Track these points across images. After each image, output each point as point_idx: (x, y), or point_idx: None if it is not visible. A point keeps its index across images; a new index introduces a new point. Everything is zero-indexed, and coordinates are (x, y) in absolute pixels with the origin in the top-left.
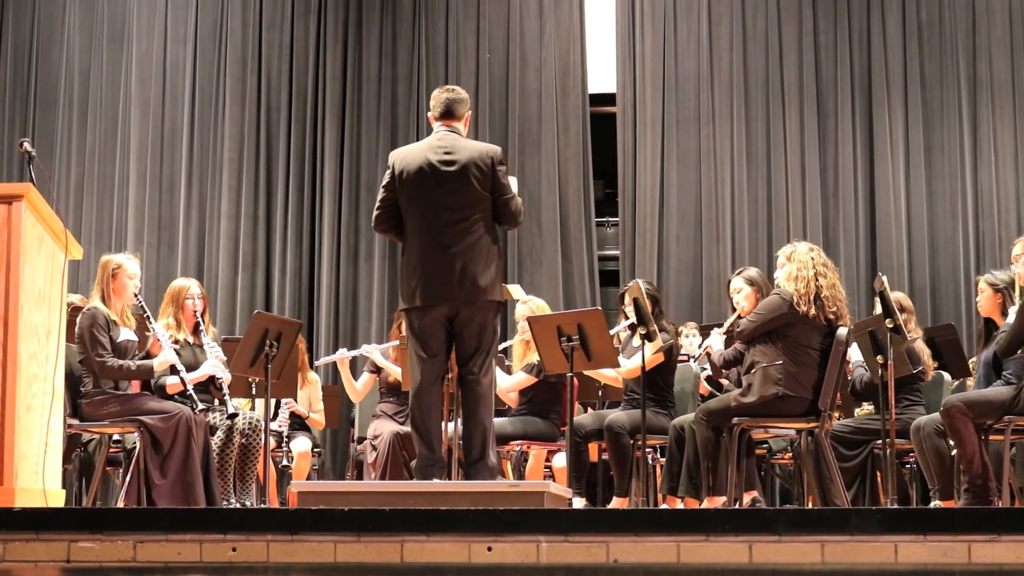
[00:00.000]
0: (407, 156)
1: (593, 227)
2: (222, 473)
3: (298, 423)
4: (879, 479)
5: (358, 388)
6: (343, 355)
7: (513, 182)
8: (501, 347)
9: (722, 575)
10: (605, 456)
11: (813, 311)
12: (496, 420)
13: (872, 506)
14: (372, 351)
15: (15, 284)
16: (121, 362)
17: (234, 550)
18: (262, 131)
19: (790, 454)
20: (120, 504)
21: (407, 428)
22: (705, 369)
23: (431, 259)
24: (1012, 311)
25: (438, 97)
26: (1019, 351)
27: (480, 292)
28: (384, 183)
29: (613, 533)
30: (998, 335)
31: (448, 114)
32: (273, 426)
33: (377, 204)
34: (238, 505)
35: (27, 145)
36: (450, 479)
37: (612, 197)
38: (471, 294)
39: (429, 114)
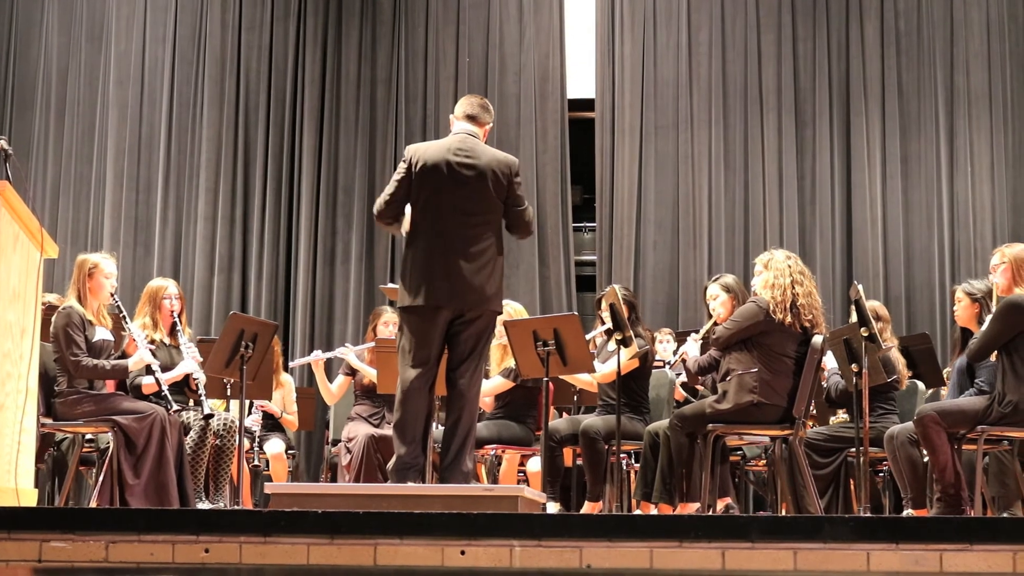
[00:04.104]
0: (426, 152)
1: (570, 232)
2: (195, 473)
3: (271, 424)
4: (852, 487)
5: (333, 390)
6: (318, 357)
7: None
8: None
9: None
10: (580, 461)
11: (789, 319)
12: None
13: (845, 514)
14: (347, 353)
15: None
16: (96, 361)
17: (207, 551)
18: (240, 133)
19: (764, 461)
20: (93, 504)
21: (382, 431)
22: (680, 375)
23: (440, 260)
24: (988, 319)
25: (467, 100)
26: (990, 358)
27: (486, 300)
28: (398, 176)
29: (586, 538)
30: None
31: (473, 119)
32: (247, 422)
33: (386, 195)
34: (211, 506)
35: (3, 143)
36: (424, 482)
37: (590, 202)
38: (477, 300)
39: (451, 115)
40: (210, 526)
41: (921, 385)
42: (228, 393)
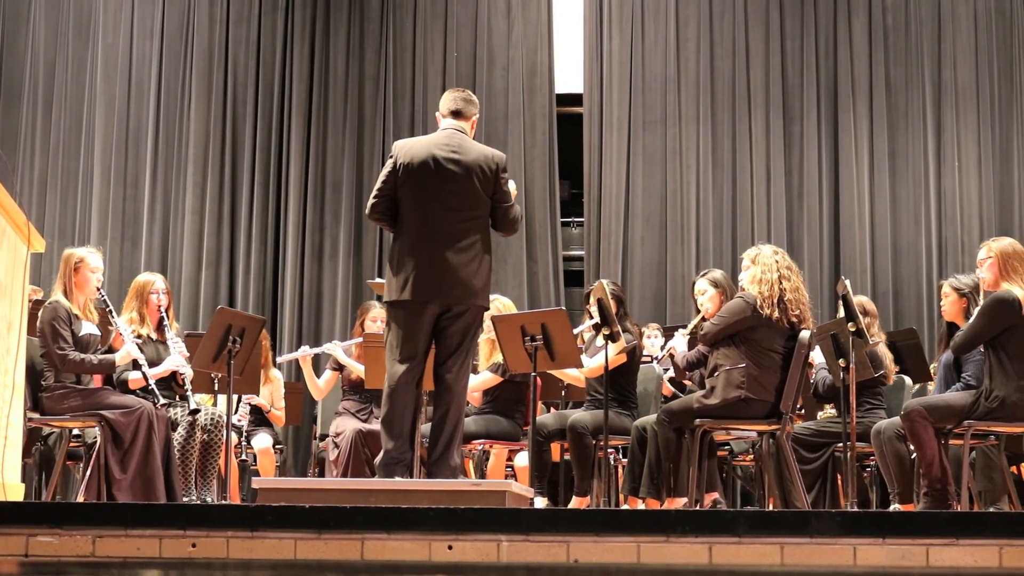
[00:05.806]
0: (412, 148)
1: (558, 227)
2: (183, 468)
3: (259, 419)
4: (839, 482)
5: (320, 385)
6: (305, 352)
7: (511, 185)
8: None
9: None
10: (567, 456)
11: (776, 314)
12: None
13: (832, 509)
14: (335, 348)
15: None
16: (82, 356)
17: (194, 546)
18: (228, 127)
19: (751, 456)
20: (80, 499)
21: (369, 426)
22: (668, 370)
23: (426, 255)
24: (975, 313)
25: (450, 95)
26: (975, 351)
27: (473, 295)
28: (385, 172)
29: (574, 533)
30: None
31: (458, 113)
32: (234, 417)
33: (375, 192)
34: (198, 501)
35: None
36: (412, 477)
37: (578, 197)
38: (463, 295)
39: (437, 113)
40: (197, 521)
41: (908, 380)
42: (215, 388)
